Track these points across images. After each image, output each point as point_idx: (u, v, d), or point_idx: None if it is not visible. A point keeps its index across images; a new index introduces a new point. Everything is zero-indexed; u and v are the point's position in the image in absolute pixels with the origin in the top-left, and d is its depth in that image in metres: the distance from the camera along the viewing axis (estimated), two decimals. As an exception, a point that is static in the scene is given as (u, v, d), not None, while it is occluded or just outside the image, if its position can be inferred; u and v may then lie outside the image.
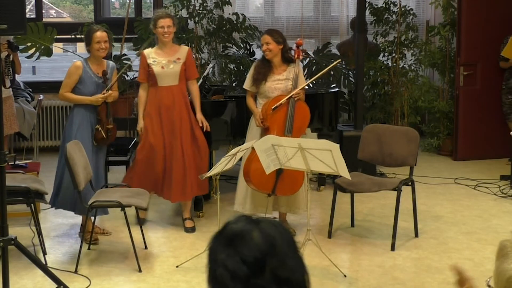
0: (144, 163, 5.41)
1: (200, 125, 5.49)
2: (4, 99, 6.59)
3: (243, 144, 5.16)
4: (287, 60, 5.39)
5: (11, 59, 6.49)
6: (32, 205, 4.87)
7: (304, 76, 7.83)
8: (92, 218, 5.05)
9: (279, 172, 5.00)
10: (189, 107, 5.49)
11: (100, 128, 5.19)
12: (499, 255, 2.04)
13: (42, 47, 7.28)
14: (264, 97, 5.36)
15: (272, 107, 5.21)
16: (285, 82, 5.34)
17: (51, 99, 8.33)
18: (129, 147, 6.56)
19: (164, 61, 5.42)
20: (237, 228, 1.52)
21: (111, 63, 5.45)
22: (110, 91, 5.17)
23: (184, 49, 5.56)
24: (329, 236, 5.31)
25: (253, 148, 4.87)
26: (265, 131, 5.29)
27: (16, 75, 6.76)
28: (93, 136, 5.18)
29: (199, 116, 5.51)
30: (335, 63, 5.91)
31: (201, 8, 7.87)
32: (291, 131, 5.24)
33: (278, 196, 5.31)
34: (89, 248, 5.10)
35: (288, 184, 5.22)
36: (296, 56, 5.40)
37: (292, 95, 5.24)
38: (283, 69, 5.38)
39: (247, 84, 5.46)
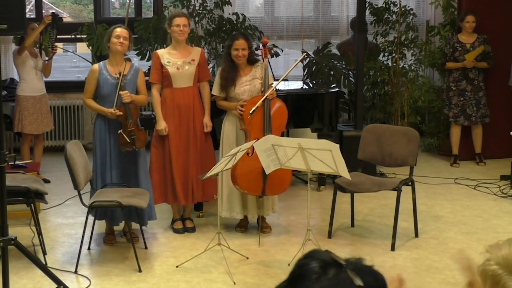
0: (166, 175, 5.41)
1: (205, 129, 5.44)
2: (40, 96, 6.81)
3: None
4: (252, 61, 5.39)
5: (55, 33, 6.74)
6: (32, 205, 4.87)
7: (304, 76, 7.88)
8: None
9: (265, 173, 5.00)
10: (203, 109, 5.47)
11: (122, 132, 5.05)
12: (492, 282, 1.74)
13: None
14: (234, 101, 5.35)
15: (250, 112, 5.20)
16: (252, 82, 5.34)
17: (51, 99, 8.32)
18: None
19: (179, 62, 5.35)
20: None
21: (135, 64, 5.33)
22: (126, 91, 5.03)
23: (197, 50, 5.49)
24: (329, 236, 5.31)
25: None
26: (245, 134, 5.30)
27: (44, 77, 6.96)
28: (118, 142, 5.08)
29: (207, 119, 5.44)
30: (300, 58, 5.92)
31: (201, 8, 7.87)
32: (270, 130, 5.25)
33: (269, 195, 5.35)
34: (89, 248, 5.11)
35: (276, 184, 5.24)
36: (263, 55, 5.40)
37: (267, 96, 5.24)
38: (248, 70, 5.38)
39: (216, 91, 5.41)
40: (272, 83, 5.37)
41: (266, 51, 5.42)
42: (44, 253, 4.91)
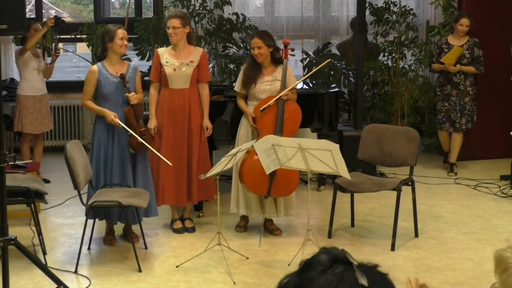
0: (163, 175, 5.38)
1: (205, 131, 5.43)
2: (40, 96, 6.83)
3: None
4: (277, 61, 5.37)
5: (57, 35, 6.81)
6: (32, 205, 4.87)
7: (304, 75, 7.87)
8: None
9: (272, 174, 4.99)
10: (201, 111, 5.43)
11: (133, 134, 5.00)
12: (502, 268, 1.82)
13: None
14: (253, 99, 5.35)
15: (260, 109, 5.20)
16: (273, 83, 5.33)
17: (51, 99, 8.32)
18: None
19: (177, 63, 5.33)
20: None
21: (132, 64, 5.34)
22: (133, 93, 5.05)
23: (198, 51, 5.44)
24: (329, 236, 5.31)
25: (246, 150, 4.86)
26: (256, 134, 5.29)
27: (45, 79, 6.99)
28: (128, 144, 5.03)
29: (206, 122, 5.42)
30: (324, 63, 5.92)
31: (201, 8, 7.87)
32: (281, 132, 5.24)
33: (275, 197, 5.32)
34: (89, 248, 5.11)
35: (283, 185, 5.23)
36: (283, 56, 5.39)
37: (281, 96, 5.23)
38: (272, 70, 5.36)
39: (237, 87, 5.43)
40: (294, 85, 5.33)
41: (287, 52, 5.39)
42: (44, 253, 4.91)
